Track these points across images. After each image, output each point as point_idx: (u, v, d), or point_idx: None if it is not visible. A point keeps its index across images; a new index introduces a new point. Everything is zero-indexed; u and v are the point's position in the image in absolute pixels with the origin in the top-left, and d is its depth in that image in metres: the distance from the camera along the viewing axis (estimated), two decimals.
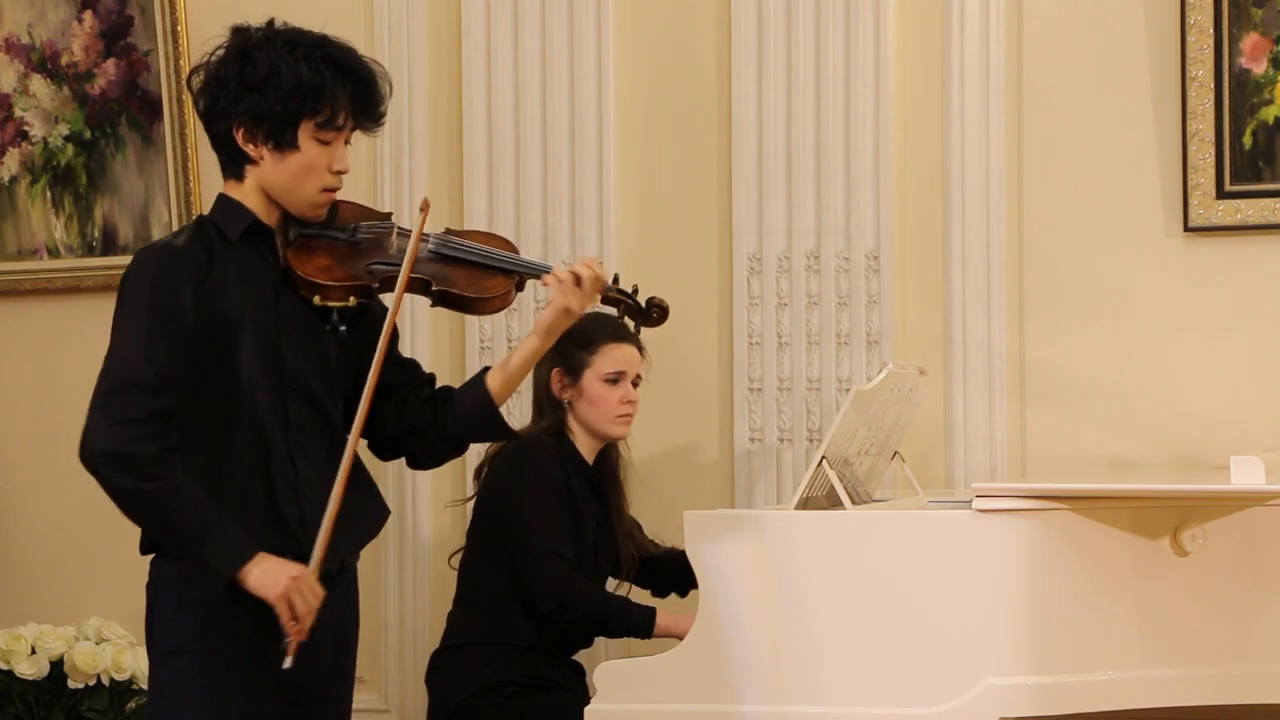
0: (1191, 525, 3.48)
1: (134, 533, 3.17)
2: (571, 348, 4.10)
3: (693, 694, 3.53)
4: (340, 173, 3.18)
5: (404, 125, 4.74)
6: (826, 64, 4.54)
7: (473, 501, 4.17)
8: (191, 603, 3.09)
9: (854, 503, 3.64)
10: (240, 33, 3.21)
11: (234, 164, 3.18)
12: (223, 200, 3.20)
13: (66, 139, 4.99)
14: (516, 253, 3.32)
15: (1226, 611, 3.51)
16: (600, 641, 4.41)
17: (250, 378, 3.10)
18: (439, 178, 4.75)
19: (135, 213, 4.92)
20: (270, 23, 3.21)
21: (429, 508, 4.72)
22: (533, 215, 4.68)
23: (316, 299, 3.16)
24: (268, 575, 3.04)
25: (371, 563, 4.76)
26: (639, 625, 3.98)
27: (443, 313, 4.72)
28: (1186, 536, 3.48)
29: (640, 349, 4.19)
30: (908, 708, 3.44)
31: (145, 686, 3.86)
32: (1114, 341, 4.45)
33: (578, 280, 3.23)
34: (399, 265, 3.17)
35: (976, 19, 4.49)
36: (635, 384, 4.17)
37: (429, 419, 3.26)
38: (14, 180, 5.04)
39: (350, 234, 3.23)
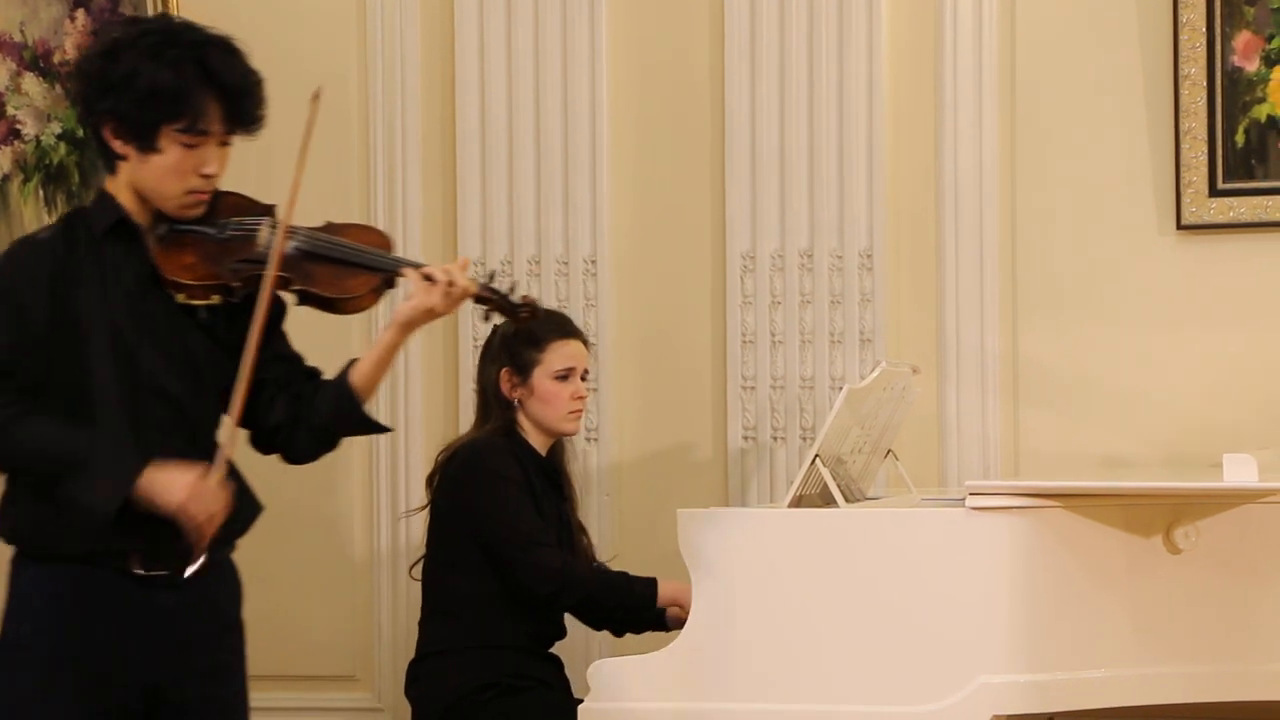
0: (1184, 523, 3.48)
1: None
2: (519, 346, 4.10)
3: (686, 692, 3.53)
4: (210, 176, 3.13)
5: (396, 125, 4.74)
6: (819, 62, 4.54)
7: (428, 509, 4.14)
8: (36, 597, 3.06)
9: (847, 501, 3.64)
10: (125, 26, 3.19)
11: (106, 159, 3.16)
12: (99, 194, 3.19)
13: (59, 137, 4.98)
14: (389, 248, 3.25)
15: (1220, 609, 3.51)
16: (592, 638, 4.40)
17: (99, 375, 3.07)
18: (432, 177, 4.74)
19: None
20: (162, 16, 3.17)
21: None
22: (526, 215, 4.68)
23: (180, 297, 3.13)
24: (162, 483, 3.01)
25: (364, 563, 4.76)
26: (642, 597, 3.97)
27: None
28: (1179, 534, 3.48)
29: (586, 343, 4.18)
30: (901, 705, 3.43)
31: None
32: (1107, 339, 4.46)
33: (434, 281, 3.17)
34: (263, 263, 3.13)
35: (969, 17, 4.49)
36: (583, 378, 4.16)
37: (296, 414, 3.21)
38: (6, 179, 5.03)
39: (220, 230, 3.18)
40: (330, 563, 4.77)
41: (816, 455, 3.60)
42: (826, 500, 3.63)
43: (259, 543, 4.78)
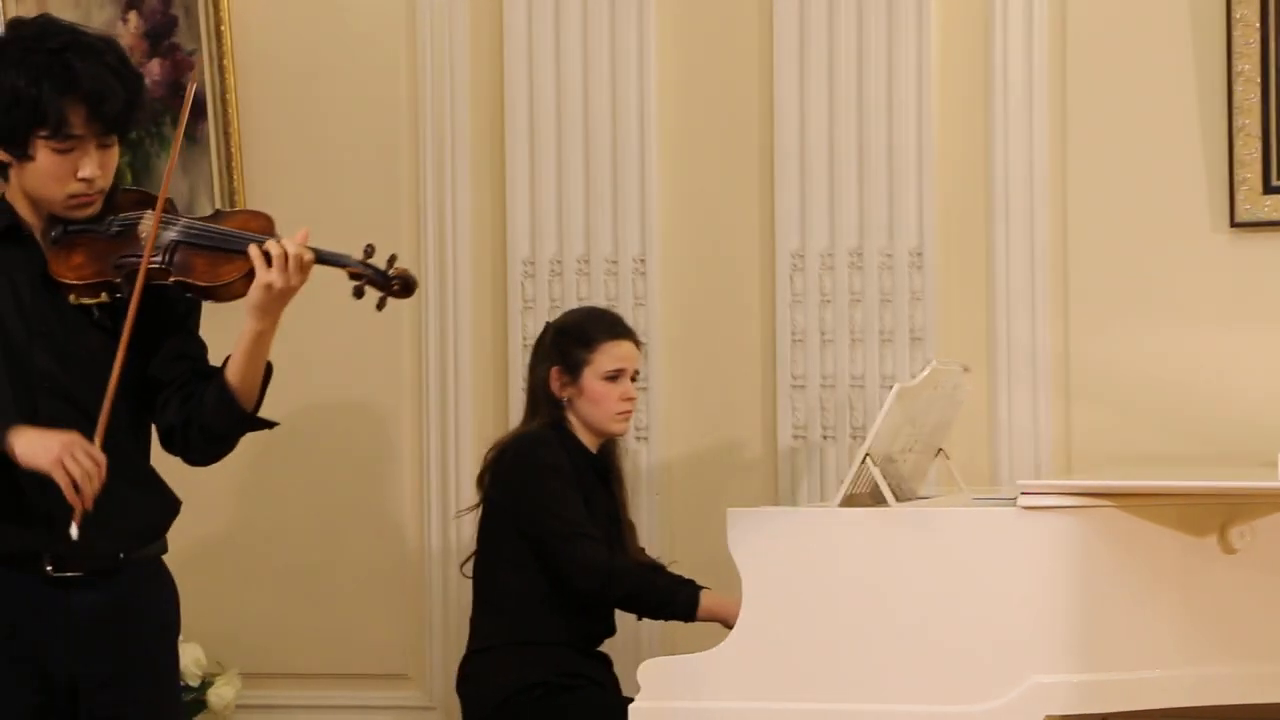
0: (1239, 522, 3.46)
1: None
2: (570, 345, 4.10)
3: (736, 691, 3.52)
4: (89, 179, 3.12)
5: (446, 125, 4.74)
6: (869, 59, 4.52)
7: (480, 508, 4.14)
8: None
9: (898, 500, 3.63)
10: (11, 27, 3.18)
11: None
12: None
13: None
14: (271, 231, 3.16)
15: (1275, 608, 3.48)
16: (641, 636, 4.40)
17: None
18: (481, 177, 4.75)
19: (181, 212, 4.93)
20: (40, 18, 3.16)
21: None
22: (575, 214, 4.68)
23: (72, 298, 3.13)
24: (35, 444, 3.01)
25: (415, 562, 4.77)
26: (684, 606, 3.97)
27: (484, 308, 4.76)
28: (1234, 534, 3.46)
29: (637, 343, 4.18)
30: (953, 705, 3.42)
31: None
32: (1159, 337, 4.43)
33: (269, 257, 3.09)
34: (141, 256, 3.11)
35: (1020, 13, 4.47)
36: (634, 379, 4.16)
37: (188, 415, 3.19)
38: None
39: (107, 228, 3.17)
40: (381, 562, 4.78)
41: (867, 454, 3.59)
42: (877, 499, 3.62)
43: (310, 545, 4.84)
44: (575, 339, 4.10)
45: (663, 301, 4.65)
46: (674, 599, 3.97)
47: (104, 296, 3.14)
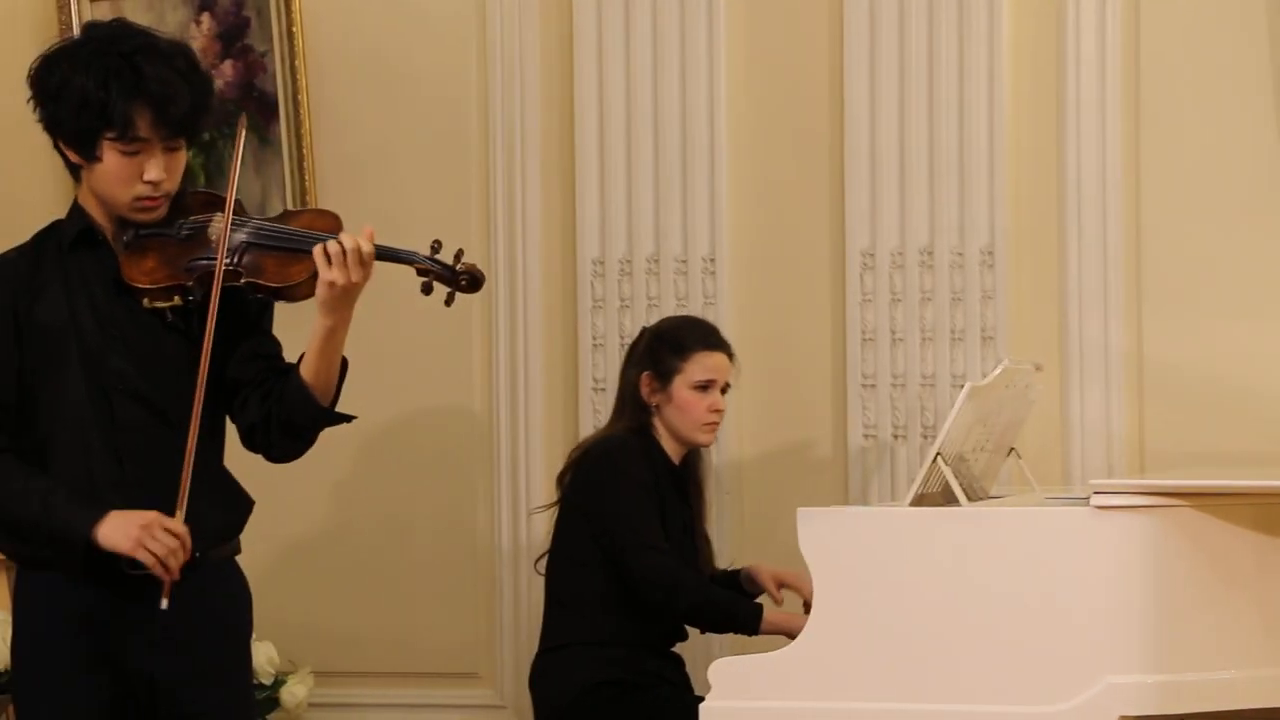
0: None
1: None
2: (663, 352, 4.11)
3: (808, 691, 3.52)
4: (155, 182, 3.14)
5: (515, 126, 4.76)
6: (940, 56, 4.51)
7: (557, 506, 4.16)
8: (41, 601, 3.16)
9: (969, 499, 3.62)
10: (85, 30, 3.22)
11: (70, 168, 3.22)
12: (71, 205, 3.24)
13: None
14: (338, 230, 3.17)
15: None
16: (712, 636, 4.40)
17: (72, 382, 3.13)
18: (551, 178, 4.76)
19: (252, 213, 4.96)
20: (113, 22, 3.18)
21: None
22: (645, 214, 4.68)
23: (145, 302, 3.16)
24: (117, 530, 3.07)
25: (486, 561, 4.78)
26: (746, 621, 3.97)
27: (553, 308, 4.77)
28: None
29: (730, 356, 4.18)
30: (1027, 705, 3.41)
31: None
32: (1234, 335, 4.39)
33: (330, 255, 3.11)
34: (214, 259, 3.13)
35: (1093, 9, 4.44)
36: (724, 391, 4.16)
37: (268, 412, 3.21)
38: None
39: (178, 231, 3.19)
40: (452, 562, 4.80)
41: (938, 453, 3.58)
42: (948, 499, 3.61)
43: (381, 545, 4.86)
44: (669, 346, 4.11)
45: (732, 301, 4.64)
46: (737, 615, 3.98)
47: (176, 300, 3.16)
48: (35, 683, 3.18)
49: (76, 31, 3.55)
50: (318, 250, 3.11)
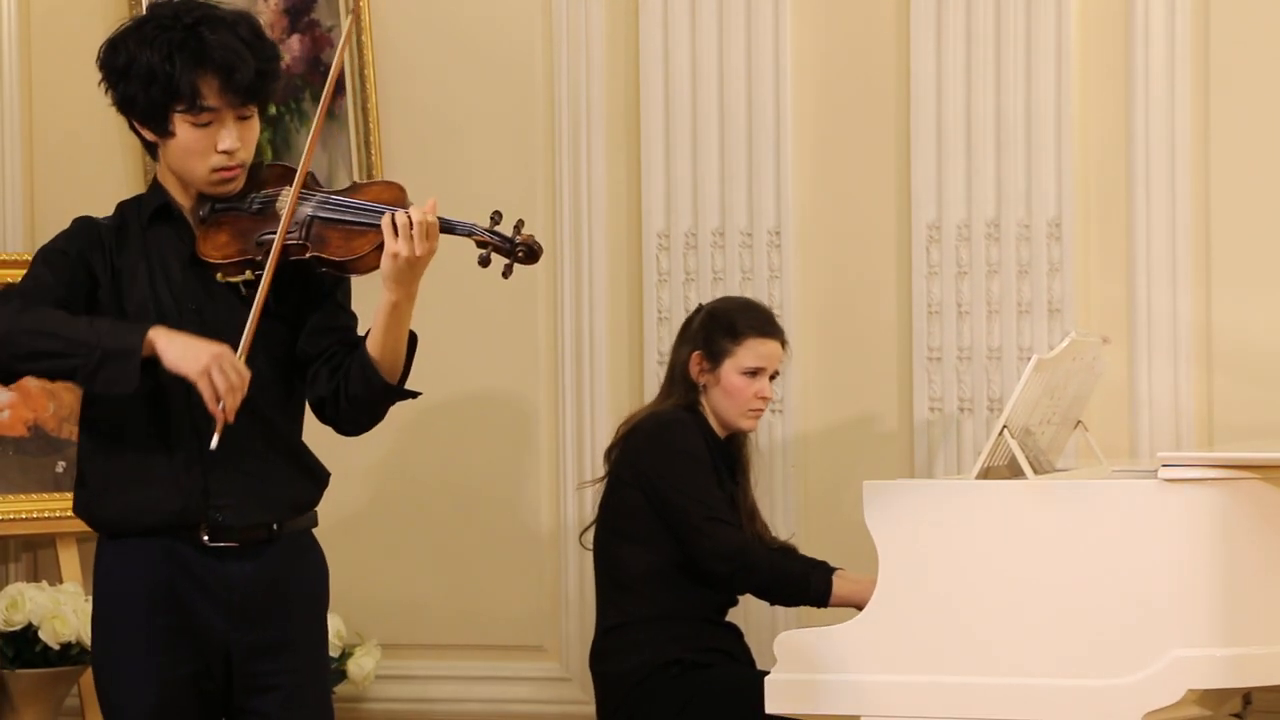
0: None
1: None
2: (716, 333, 4.10)
3: (874, 664, 3.52)
4: (230, 151, 3.15)
5: (581, 98, 4.76)
6: (1006, 28, 4.48)
7: (605, 481, 4.15)
8: (119, 569, 3.17)
9: (1036, 472, 3.60)
10: (149, 9, 3.23)
11: (147, 146, 3.24)
12: (151, 181, 3.27)
13: None
14: (402, 203, 3.16)
15: None
16: (777, 609, 4.40)
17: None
18: (616, 151, 4.76)
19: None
20: (169, 2, 3.19)
21: None
22: (710, 187, 4.68)
23: (219, 276, 3.17)
24: (187, 352, 3.04)
25: (550, 535, 4.80)
26: (816, 594, 3.96)
27: (619, 281, 4.77)
28: None
29: (784, 343, 4.17)
30: (1094, 679, 3.40)
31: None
32: None
33: (396, 227, 3.10)
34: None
35: None
36: (773, 378, 4.15)
37: (337, 386, 3.21)
38: None
39: (249, 205, 3.21)
40: (517, 535, 4.82)
41: (1004, 426, 3.57)
42: (1014, 471, 3.60)
43: (447, 518, 4.88)
44: (723, 328, 4.11)
45: (798, 274, 4.64)
46: (808, 588, 3.97)
47: (248, 274, 3.18)
48: (116, 654, 3.19)
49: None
50: (385, 221, 3.12)
